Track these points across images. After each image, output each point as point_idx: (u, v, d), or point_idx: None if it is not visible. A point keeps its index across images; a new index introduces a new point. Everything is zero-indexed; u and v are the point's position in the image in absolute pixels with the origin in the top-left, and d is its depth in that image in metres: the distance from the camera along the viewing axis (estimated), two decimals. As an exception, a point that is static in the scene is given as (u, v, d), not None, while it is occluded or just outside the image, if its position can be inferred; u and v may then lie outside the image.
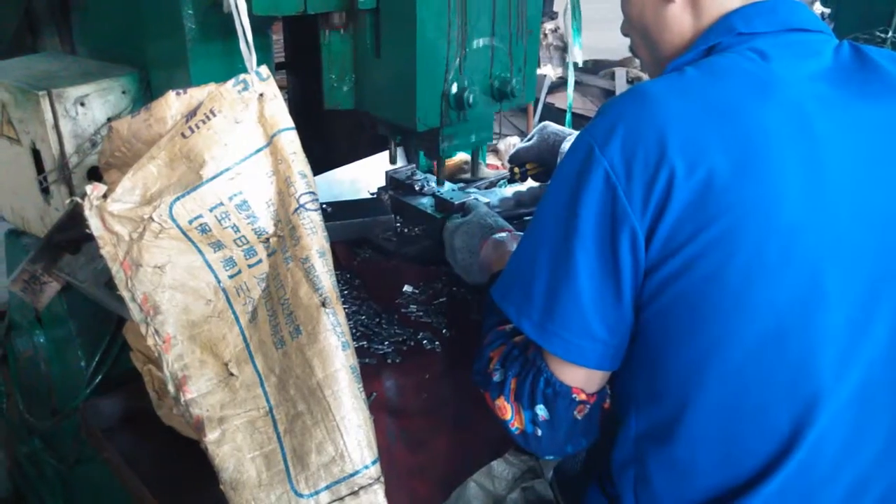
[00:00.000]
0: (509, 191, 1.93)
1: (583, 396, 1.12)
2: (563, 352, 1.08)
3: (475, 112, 1.50)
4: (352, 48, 1.50)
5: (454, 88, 1.44)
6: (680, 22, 1.17)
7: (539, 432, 1.16)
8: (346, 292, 1.62)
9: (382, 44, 1.44)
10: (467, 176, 2.11)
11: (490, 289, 1.19)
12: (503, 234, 1.50)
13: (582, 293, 1.04)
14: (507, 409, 1.18)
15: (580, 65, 2.57)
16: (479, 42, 1.45)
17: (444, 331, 1.52)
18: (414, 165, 2.02)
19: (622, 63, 6.97)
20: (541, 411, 1.14)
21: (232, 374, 1.19)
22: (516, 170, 1.92)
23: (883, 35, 3.30)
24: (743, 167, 0.98)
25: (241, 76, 1.17)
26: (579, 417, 1.14)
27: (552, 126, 1.90)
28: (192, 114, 1.17)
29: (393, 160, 1.75)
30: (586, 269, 1.03)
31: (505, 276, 1.16)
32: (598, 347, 1.07)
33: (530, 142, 1.90)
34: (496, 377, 1.19)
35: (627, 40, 1.32)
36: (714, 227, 0.97)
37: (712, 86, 1.04)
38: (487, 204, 1.81)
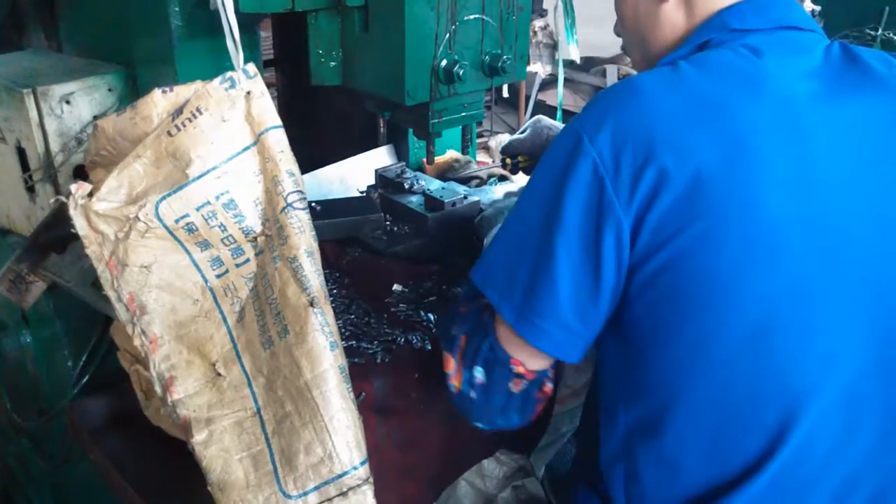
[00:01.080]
0: (499, 191, 1.92)
1: (521, 370, 1.12)
2: (534, 339, 1.08)
3: (466, 88, 1.49)
4: (339, 24, 1.49)
5: (444, 63, 1.43)
6: (673, 20, 1.17)
7: (473, 395, 1.17)
8: (335, 291, 1.62)
9: (371, 18, 1.43)
10: (459, 174, 2.10)
11: (471, 271, 1.19)
12: None
13: (560, 283, 1.04)
14: (450, 363, 1.19)
15: (577, 62, 2.56)
16: (469, 17, 1.44)
17: (433, 329, 1.51)
18: (404, 163, 2.01)
19: (613, 60, 6.97)
20: (478, 374, 1.15)
21: (219, 375, 1.18)
22: (508, 161, 1.92)
23: (873, 33, 3.31)
24: (732, 162, 0.98)
25: (228, 74, 1.16)
26: (515, 391, 1.14)
27: (546, 120, 1.90)
28: (178, 112, 1.16)
29: (382, 140, 1.73)
30: (566, 258, 1.03)
31: (486, 260, 1.16)
32: (573, 339, 1.08)
33: (523, 134, 1.90)
34: (454, 330, 1.20)
35: (618, 38, 1.32)
36: (701, 222, 0.97)
37: (704, 80, 1.04)
38: (478, 203, 1.80)
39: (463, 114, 1.57)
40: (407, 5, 1.35)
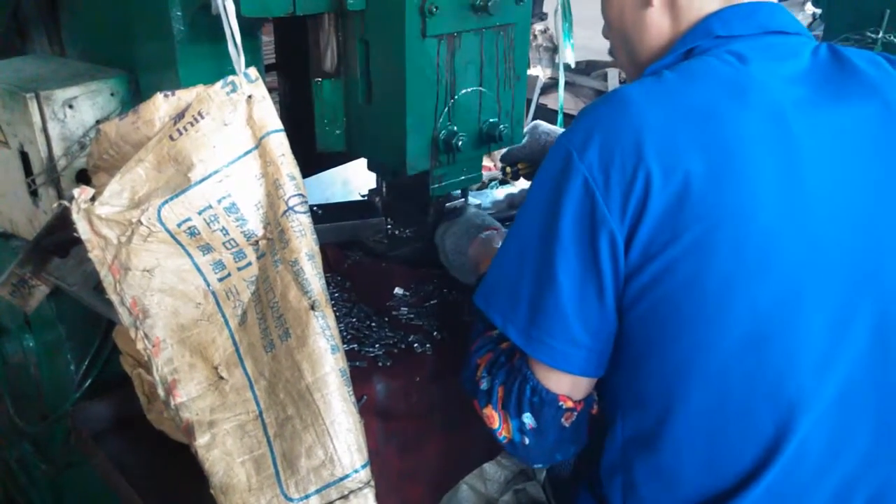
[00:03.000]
0: (501, 193, 1.92)
1: (570, 404, 1.12)
2: (548, 358, 1.08)
3: (464, 156, 1.54)
4: (343, 95, 1.54)
5: (443, 134, 1.48)
6: (658, 25, 1.18)
7: (527, 441, 1.15)
8: (336, 295, 1.62)
9: (373, 92, 1.47)
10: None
11: (473, 295, 1.19)
12: (490, 233, 1.51)
13: (563, 299, 1.04)
14: (494, 418, 1.17)
15: (572, 66, 2.56)
16: (467, 90, 1.48)
17: (435, 333, 1.52)
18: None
19: (615, 64, 6.98)
20: (528, 420, 1.13)
21: (222, 378, 1.19)
22: (508, 169, 1.92)
23: (874, 35, 3.31)
24: (720, 171, 0.98)
25: (230, 78, 1.17)
26: (567, 425, 1.14)
27: (543, 125, 1.90)
28: (179, 116, 1.17)
29: (379, 193, 1.78)
30: (567, 274, 1.04)
31: (488, 282, 1.16)
32: (582, 353, 1.07)
33: (522, 141, 1.90)
34: (483, 385, 1.18)
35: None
36: (691, 232, 0.97)
37: (690, 90, 1.04)
38: (479, 206, 1.80)
39: (462, 178, 1.62)
40: (408, 81, 1.39)
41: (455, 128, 1.49)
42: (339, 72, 1.53)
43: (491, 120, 1.55)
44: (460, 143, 1.48)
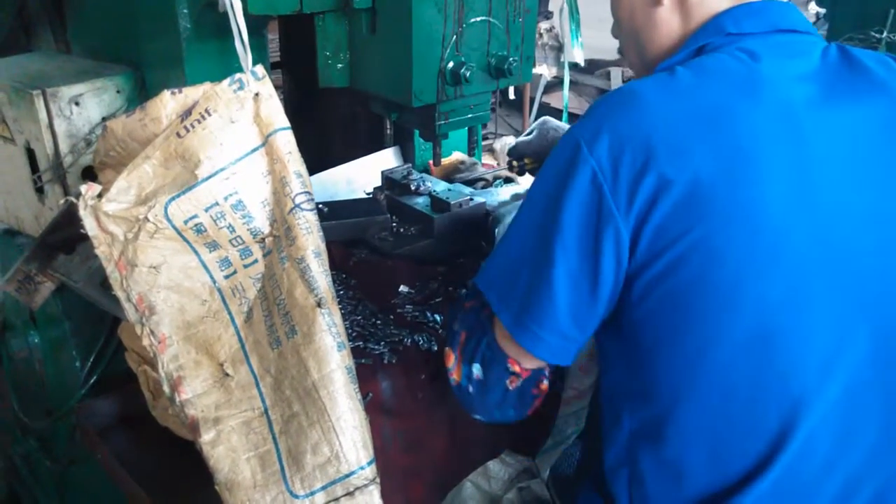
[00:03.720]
0: (506, 192, 1.93)
1: (516, 368, 1.15)
2: (532, 347, 1.10)
3: (472, 90, 1.50)
4: (346, 26, 1.50)
5: (450, 64, 1.43)
6: (668, 24, 1.18)
7: (471, 389, 1.20)
8: (341, 292, 1.62)
9: (378, 20, 1.43)
10: (464, 176, 2.11)
11: (475, 278, 1.20)
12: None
13: (557, 292, 1.05)
14: (451, 358, 1.22)
15: (581, 64, 2.57)
16: (476, 19, 1.44)
17: (439, 331, 1.52)
18: (410, 165, 2.02)
19: (617, 63, 6.98)
20: (476, 370, 1.18)
21: (227, 375, 1.19)
22: (514, 163, 1.92)
23: (878, 35, 3.31)
24: (731, 169, 0.98)
25: (237, 76, 1.17)
26: (510, 388, 1.17)
27: (552, 122, 1.90)
28: (187, 113, 1.17)
29: (388, 142, 1.74)
30: (564, 267, 1.04)
31: (490, 265, 1.17)
32: (568, 345, 1.09)
33: (530, 136, 1.90)
34: (455, 326, 1.23)
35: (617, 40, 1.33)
36: (701, 228, 0.98)
37: (702, 86, 1.04)
38: (484, 204, 1.81)
39: (469, 115, 1.58)
40: (414, 8, 1.36)
41: (463, 58, 1.45)
42: (343, 3, 1.48)
43: (500, 53, 1.51)
44: (468, 73, 1.44)
